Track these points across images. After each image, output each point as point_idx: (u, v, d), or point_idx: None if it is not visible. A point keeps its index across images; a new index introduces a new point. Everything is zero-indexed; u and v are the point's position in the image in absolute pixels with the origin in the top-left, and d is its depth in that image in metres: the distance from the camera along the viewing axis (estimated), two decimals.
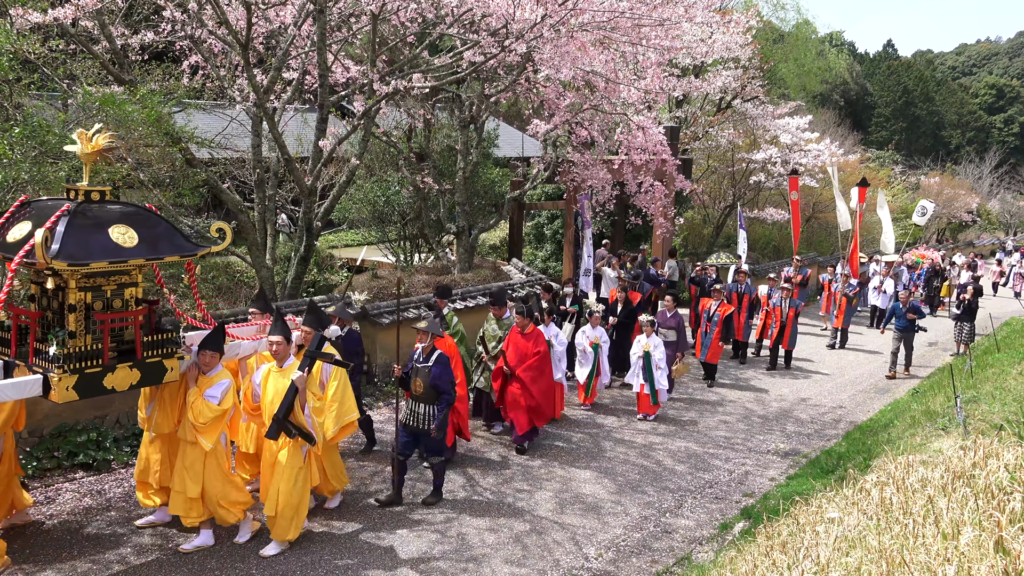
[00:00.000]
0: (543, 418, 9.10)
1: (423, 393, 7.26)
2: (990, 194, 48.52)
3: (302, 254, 10.81)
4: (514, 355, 8.98)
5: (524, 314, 9.01)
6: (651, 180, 14.31)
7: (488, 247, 21.37)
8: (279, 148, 10.05)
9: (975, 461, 5.76)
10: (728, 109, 20.80)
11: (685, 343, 11.51)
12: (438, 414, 7.21)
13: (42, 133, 7.62)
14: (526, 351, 8.93)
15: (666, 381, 10.34)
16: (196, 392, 6.11)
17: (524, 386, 8.83)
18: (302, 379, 6.18)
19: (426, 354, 7.36)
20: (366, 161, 15.76)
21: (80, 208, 5.50)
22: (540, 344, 9.03)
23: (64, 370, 5.43)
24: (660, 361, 10.22)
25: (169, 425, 6.39)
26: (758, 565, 5.02)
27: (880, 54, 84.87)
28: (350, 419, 6.93)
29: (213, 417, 6.08)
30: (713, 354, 12.23)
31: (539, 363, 8.95)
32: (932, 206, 21.48)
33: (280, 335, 6.41)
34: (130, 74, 10.27)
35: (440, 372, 7.24)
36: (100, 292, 5.67)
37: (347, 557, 6.35)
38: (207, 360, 6.20)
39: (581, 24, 9.59)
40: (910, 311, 12.89)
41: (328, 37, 9.95)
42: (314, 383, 6.45)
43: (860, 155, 37.44)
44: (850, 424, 10.59)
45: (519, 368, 8.87)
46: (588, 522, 7.20)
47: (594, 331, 10.61)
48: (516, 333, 9.09)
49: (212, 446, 6.14)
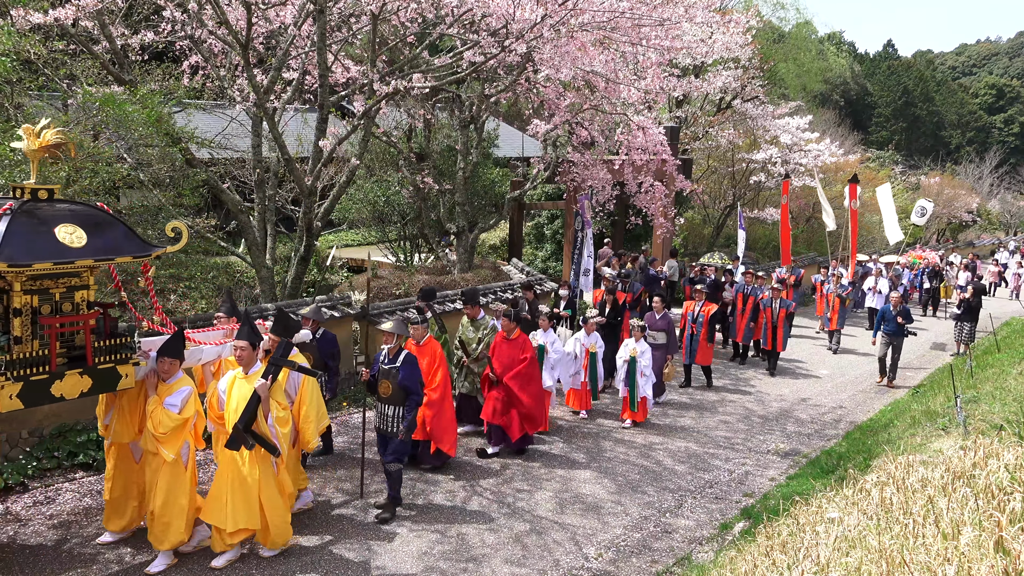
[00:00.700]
0: (535, 425, 8.85)
1: (391, 395, 7.08)
2: (990, 194, 48.52)
3: (302, 254, 10.81)
4: (500, 362, 8.67)
5: (510, 318, 8.71)
6: (651, 180, 14.32)
7: (488, 247, 21.38)
8: (279, 148, 10.05)
9: (975, 461, 5.76)
10: (728, 109, 20.82)
11: (675, 346, 11.26)
12: (406, 415, 7.01)
13: None
14: (513, 357, 8.64)
15: (651, 388, 10.06)
16: (155, 400, 5.85)
17: (513, 394, 8.54)
18: (265, 387, 5.90)
19: (392, 355, 7.16)
20: (366, 161, 15.76)
21: (24, 207, 5.25)
22: (527, 349, 8.74)
23: (8, 377, 5.16)
24: (646, 368, 9.89)
25: (130, 434, 6.13)
26: (758, 565, 5.02)
27: (880, 54, 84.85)
28: (325, 424, 7.03)
29: (174, 427, 5.82)
30: (703, 356, 11.97)
31: (527, 369, 8.66)
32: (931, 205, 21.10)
33: (245, 340, 6.13)
34: (130, 74, 10.28)
35: (408, 373, 7.04)
36: (48, 295, 5.42)
37: (347, 556, 6.35)
38: (166, 367, 5.92)
39: (581, 24, 9.59)
40: (900, 315, 12.40)
41: (328, 37, 9.96)
42: (279, 392, 6.17)
43: (860, 155, 37.45)
44: (850, 424, 10.58)
45: (507, 375, 8.57)
46: (588, 522, 7.20)
47: (589, 338, 10.24)
48: (501, 338, 8.79)
49: (174, 457, 5.88)
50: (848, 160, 29.30)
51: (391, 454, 7.09)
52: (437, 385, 7.89)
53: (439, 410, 7.92)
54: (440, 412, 7.94)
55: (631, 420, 10.03)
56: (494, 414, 8.64)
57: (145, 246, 5.80)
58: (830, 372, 13.59)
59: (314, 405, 6.83)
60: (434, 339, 8.16)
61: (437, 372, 7.92)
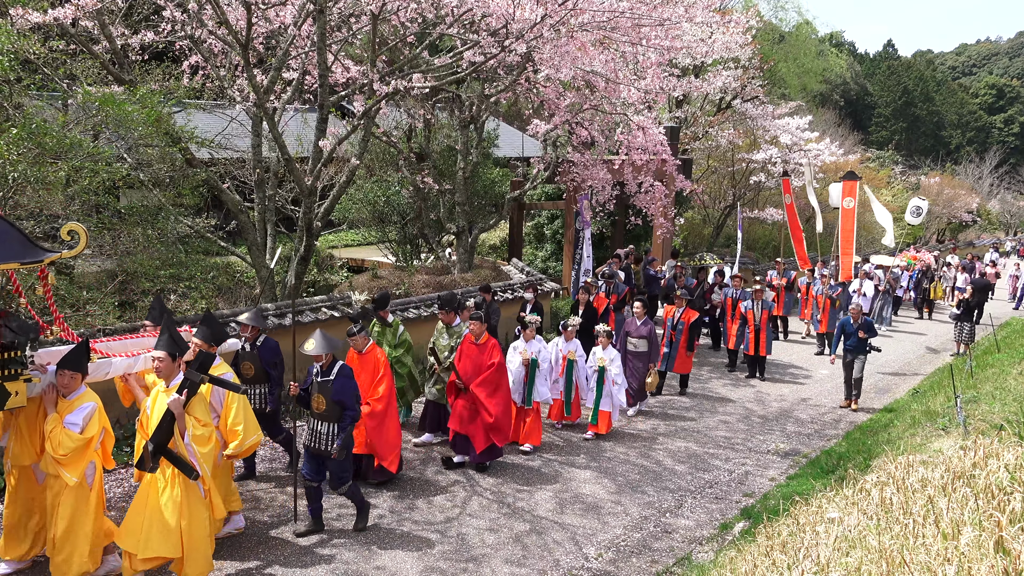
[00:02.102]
0: (502, 436, 8.26)
1: (326, 411, 6.55)
2: (990, 194, 48.56)
3: (302, 254, 10.81)
4: (467, 367, 8.17)
5: (480, 320, 8.25)
6: (651, 180, 14.32)
7: (488, 247, 21.38)
8: (279, 148, 10.05)
9: (975, 461, 5.76)
10: (728, 109, 20.83)
11: (658, 353, 10.58)
12: (340, 432, 6.51)
13: (41, 134, 7.61)
14: (480, 363, 8.12)
15: (623, 398, 9.53)
16: (55, 419, 5.32)
17: (479, 402, 8.06)
18: (178, 403, 5.32)
19: (326, 367, 6.62)
20: (366, 161, 15.75)
21: None
22: (495, 355, 8.18)
23: None
24: (617, 376, 9.36)
25: (30, 456, 5.57)
26: (758, 565, 5.03)
27: (880, 54, 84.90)
28: (253, 441, 6.47)
29: (75, 447, 5.29)
30: (682, 364, 11.42)
31: (495, 376, 8.13)
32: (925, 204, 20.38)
33: (163, 350, 5.58)
34: (130, 74, 10.28)
35: (343, 386, 6.53)
36: None
37: (348, 555, 6.35)
38: (66, 381, 5.38)
39: (581, 24, 9.58)
40: (861, 329, 11.19)
41: (328, 37, 9.95)
42: (200, 407, 5.57)
43: (860, 155, 37.47)
44: (850, 424, 10.58)
45: (473, 382, 8.09)
46: (588, 522, 7.20)
47: (568, 344, 9.62)
48: (469, 343, 8.29)
49: (77, 480, 5.35)
50: (848, 160, 29.31)
51: (336, 480, 6.62)
52: (381, 396, 7.39)
53: (381, 423, 7.42)
54: (382, 425, 7.43)
55: (593, 432, 9.46)
56: (461, 423, 8.19)
57: (38, 251, 5.31)
58: (830, 372, 13.58)
59: (241, 414, 6.37)
60: (377, 347, 7.61)
61: (381, 383, 7.41)
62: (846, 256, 15.75)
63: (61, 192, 8.16)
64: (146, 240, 9.44)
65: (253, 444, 6.60)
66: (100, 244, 9.23)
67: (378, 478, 7.67)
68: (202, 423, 5.51)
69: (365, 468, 7.61)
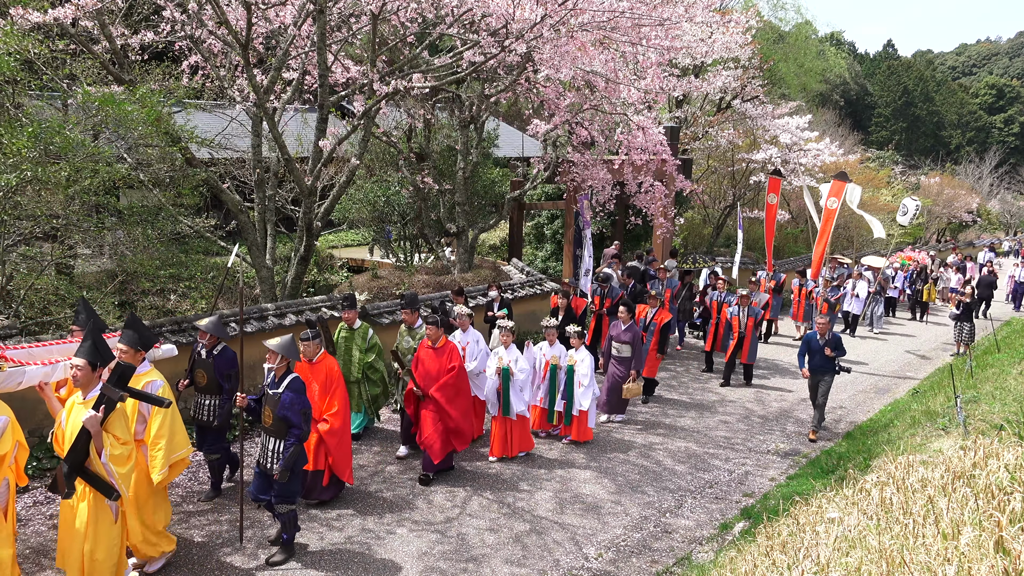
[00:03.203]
0: (464, 441, 8.01)
1: (272, 425, 6.12)
2: (990, 194, 48.57)
3: (302, 254, 10.81)
4: (425, 372, 7.86)
5: (436, 324, 7.88)
6: (651, 180, 14.32)
7: (488, 247, 21.39)
8: (279, 148, 10.05)
9: (975, 461, 5.76)
10: (728, 109, 20.82)
11: (640, 360, 10.08)
12: (284, 452, 6.06)
13: (50, 135, 7.61)
14: (439, 368, 7.81)
15: (588, 399, 8.98)
16: None
17: (439, 407, 7.74)
18: (94, 420, 4.92)
19: (279, 377, 6.20)
20: (366, 161, 15.77)
21: None
22: (454, 358, 7.87)
23: None
24: (584, 377, 8.91)
25: None
26: (758, 565, 5.02)
27: (880, 54, 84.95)
28: (180, 455, 5.98)
29: None
30: (650, 368, 10.89)
31: (455, 380, 7.82)
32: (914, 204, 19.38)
33: (83, 358, 5.12)
34: (130, 74, 10.28)
35: (290, 400, 6.06)
36: None
37: (348, 555, 6.35)
38: None
39: (581, 24, 9.58)
40: (828, 346, 9.87)
41: (328, 37, 9.95)
42: (119, 424, 5.13)
43: (860, 155, 37.47)
44: (850, 424, 10.58)
45: (432, 388, 7.77)
46: (588, 522, 7.20)
47: (552, 349, 9.22)
48: (426, 347, 7.97)
49: None
50: (848, 160, 29.29)
51: (280, 497, 6.16)
52: (337, 411, 6.99)
53: (341, 439, 7.07)
54: (342, 440, 7.09)
55: (569, 437, 9.17)
56: (424, 432, 7.85)
57: None
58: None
59: (166, 427, 5.85)
60: (329, 356, 7.18)
61: (335, 395, 7.00)
62: (818, 255, 15.24)
63: (61, 192, 8.16)
64: (146, 240, 9.44)
65: (180, 462, 6.03)
66: (100, 244, 9.23)
67: (323, 496, 7.22)
68: (121, 441, 5.11)
69: (310, 485, 7.14)
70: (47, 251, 9.33)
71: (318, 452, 7.01)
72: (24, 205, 8.08)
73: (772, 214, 16.92)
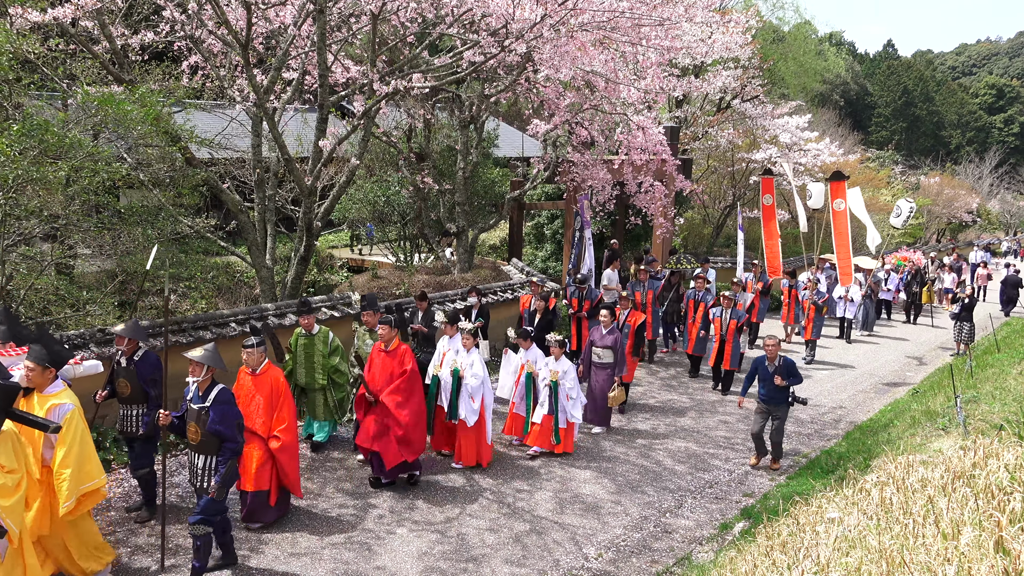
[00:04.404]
0: (414, 451, 7.58)
1: (201, 442, 5.74)
2: (990, 194, 48.59)
3: (302, 254, 10.81)
4: (378, 377, 7.52)
5: (390, 324, 7.54)
6: (651, 180, 14.32)
7: (488, 247, 21.40)
8: (279, 148, 10.05)
9: (975, 461, 5.76)
10: (728, 109, 20.83)
11: (623, 365, 9.71)
12: (218, 467, 5.72)
13: (41, 132, 7.61)
14: (391, 371, 7.49)
15: (579, 412, 8.75)
16: None
17: (389, 413, 7.39)
18: None
19: (203, 390, 5.82)
20: (366, 161, 15.77)
21: None
22: (407, 361, 7.53)
23: None
24: (572, 390, 8.60)
25: None
26: (758, 565, 5.02)
27: (880, 54, 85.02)
28: (91, 486, 5.33)
29: None
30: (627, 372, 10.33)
31: (407, 385, 7.49)
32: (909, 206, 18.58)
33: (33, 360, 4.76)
34: (130, 74, 10.28)
35: (222, 414, 5.71)
36: None
37: (348, 555, 6.35)
38: None
39: (581, 24, 9.59)
40: (779, 373, 8.46)
41: (328, 37, 9.95)
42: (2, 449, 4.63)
43: (860, 155, 37.48)
44: (850, 424, 10.58)
45: (384, 392, 7.44)
46: (588, 522, 7.20)
47: (528, 354, 8.86)
48: (378, 351, 7.63)
49: None
50: (848, 160, 29.29)
51: (198, 514, 5.74)
52: (287, 426, 6.60)
53: (292, 455, 6.73)
54: (293, 456, 6.76)
55: (537, 448, 8.69)
56: (371, 438, 7.44)
57: None
58: (829, 372, 13.59)
59: (73, 456, 5.23)
60: (274, 367, 6.79)
61: (283, 408, 6.62)
62: (843, 260, 14.60)
63: (61, 192, 8.16)
64: (146, 240, 9.43)
65: (92, 493, 5.38)
66: (100, 244, 9.23)
67: (268, 518, 6.73)
68: (6, 470, 4.62)
69: (252, 506, 6.63)
70: (47, 251, 9.32)
71: (264, 471, 6.54)
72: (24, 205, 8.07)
73: (770, 215, 16.18)
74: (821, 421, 10.70)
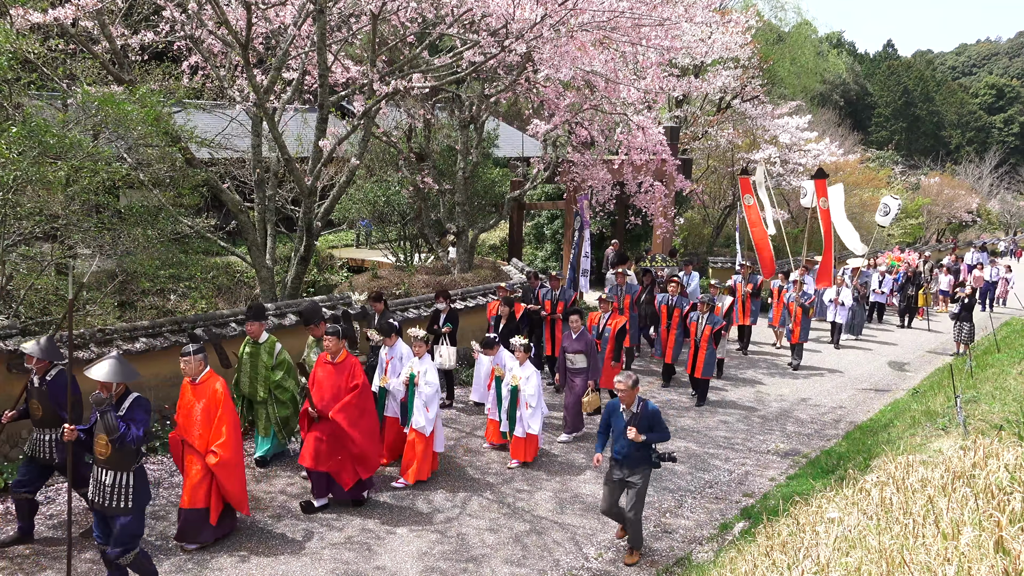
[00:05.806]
0: (369, 468, 7.19)
1: (110, 457, 5.23)
2: (990, 194, 48.59)
3: (302, 254, 10.81)
4: (324, 391, 7.01)
5: (337, 335, 7.04)
6: (651, 180, 14.32)
7: (488, 247, 21.40)
8: (279, 148, 10.05)
9: (975, 461, 5.77)
10: (728, 109, 20.83)
11: (597, 371, 9.36)
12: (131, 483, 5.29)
13: (40, 133, 7.60)
14: (339, 385, 6.99)
15: (538, 422, 8.30)
16: None
17: (342, 431, 6.91)
18: None
19: (117, 398, 5.31)
20: (366, 161, 15.77)
21: None
22: (357, 375, 7.06)
23: None
24: (531, 398, 8.19)
25: None
26: (758, 565, 5.03)
27: (880, 54, 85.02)
28: None
29: None
30: (607, 378, 9.92)
31: (358, 400, 7.03)
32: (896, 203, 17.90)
33: None
34: (130, 74, 10.28)
35: (131, 417, 5.24)
36: None
37: (348, 555, 6.35)
38: None
39: (581, 24, 9.59)
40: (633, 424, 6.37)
41: (328, 37, 9.95)
42: None
43: (860, 155, 37.48)
44: (850, 424, 10.58)
45: (333, 409, 6.92)
46: (588, 522, 7.20)
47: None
48: (324, 363, 7.14)
49: None
50: (848, 160, 29.28)
51: (117, 543, 5.26)
52: (226, 441, 6.12)
53: (233, 470, 6.24)
54: (235, 471, 6.27)
55: (517, 461, 8.39)
56: (317, 458, 6.93)
57: None
58: (830, 372, 13.58)
59: None
60: (215, 375, 6.33)
61: (222, 420, 6.13)
62: (825, 261, 14.03)
63: (61, 192, 8.16)
64: (146, 240, 9.44)
65: None
66: (100, 244, 9.23)
67: (211, 537, 6.34)
68: None
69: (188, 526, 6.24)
70: (47, 251, 9.32)
71: (201, 488, 6.15)
72: (24, 205, 8.08)
73: (753, 216, 15.41)
74: (821, 421, 10.70)
